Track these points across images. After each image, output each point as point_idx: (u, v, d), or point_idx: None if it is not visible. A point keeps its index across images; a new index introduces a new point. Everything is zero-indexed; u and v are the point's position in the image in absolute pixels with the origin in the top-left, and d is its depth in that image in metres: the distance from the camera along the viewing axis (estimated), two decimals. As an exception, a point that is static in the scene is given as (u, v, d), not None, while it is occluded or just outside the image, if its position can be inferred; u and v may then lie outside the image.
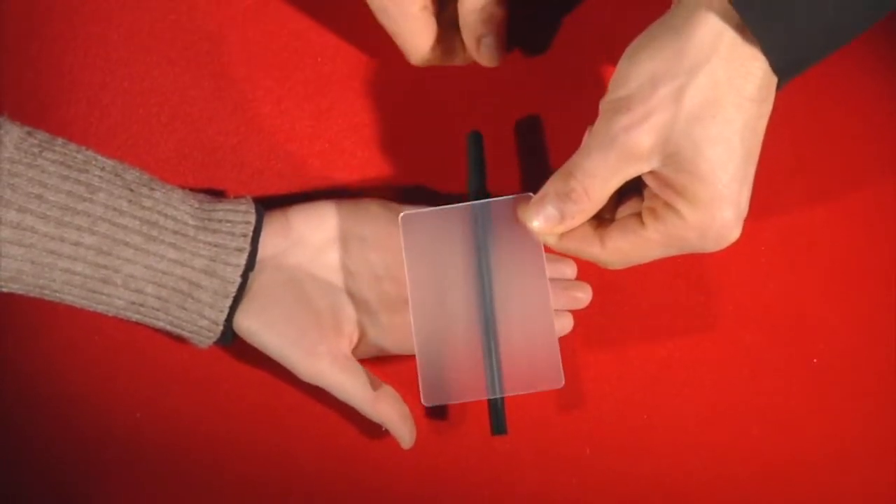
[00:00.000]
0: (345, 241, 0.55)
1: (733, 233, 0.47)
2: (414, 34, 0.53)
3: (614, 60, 0.58)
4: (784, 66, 0.44)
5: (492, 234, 0.54)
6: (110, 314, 0.51)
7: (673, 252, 0.48)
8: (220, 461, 0.58)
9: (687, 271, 0.59)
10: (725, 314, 0.59)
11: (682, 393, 0.58)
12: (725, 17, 0.44)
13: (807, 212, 0.59)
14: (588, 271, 0.58)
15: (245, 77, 0.59)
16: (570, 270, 0.57)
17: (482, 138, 0.55)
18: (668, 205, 0.47)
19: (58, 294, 0.50)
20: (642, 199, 0.50)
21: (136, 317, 0.52)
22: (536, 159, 0.59)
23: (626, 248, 0.49)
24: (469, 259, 0.54)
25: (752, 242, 0.59)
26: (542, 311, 0.53)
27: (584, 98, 0.57)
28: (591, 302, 0.56)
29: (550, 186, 0.49)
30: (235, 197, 0.55)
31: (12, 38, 0.58)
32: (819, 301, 0.59)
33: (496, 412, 0.52)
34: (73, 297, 0.50)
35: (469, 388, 0.53)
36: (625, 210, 0.51)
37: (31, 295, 0.50)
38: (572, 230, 0.50)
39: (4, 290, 0.49)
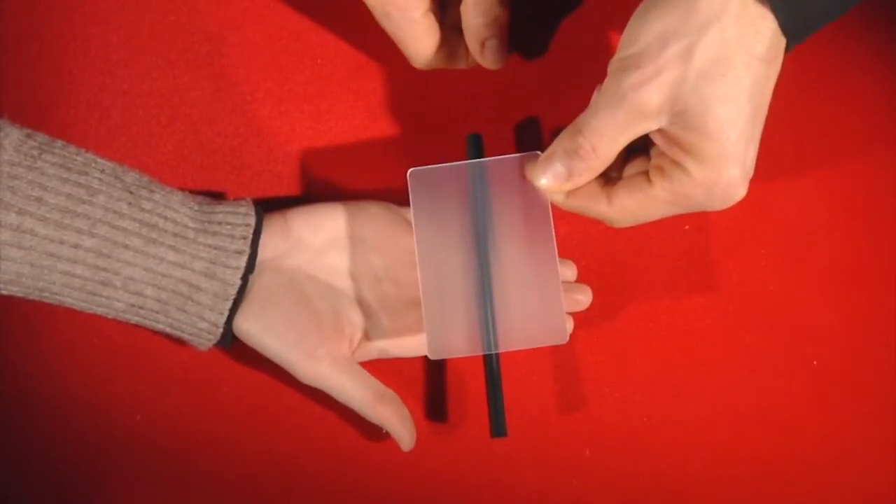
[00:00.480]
0: (344, 243, 0.55)
1: (739, 191, 0.47)
2: (417, 38, 0.53)
3: (611, 47, 0.58)
4: (793, 26, 0.45)
5: (498, 191, 0.53)
6: (110, 316, 0.51)
7: (680, 210, 0.49)
8: (220, 463, 0.58)
9: (687, 272, 0.58)
10: (725, 316, 0.59)
11: (683, 394, 0.58)
12: None
13: (807, 213, 0.59)
14: (588, 273, 0.58)
15: (245, 79, 0.59)
16: (570, 273, 0.57)
17: (482, 140, 0.55)
18: (675, 162, 0.47)
19: (57, 296, 0.50)
20: (649, 158, 0.50)
21: (135, 319, 0.52)
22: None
23: (633, 205, 0.49)
24: (474, 216, 0.53)
25: (752, 243, 0.59)
26: (547, 267, 0.52)
27: (584, 99, 0.57)
28: (592, 304, 0.56)
29: (558, 144, 0.49)
30: (235, 199, 0.55)
31: (12, 40, 0.58)
32: (819, 303, 0.59)
33: (496, 414, 0.52)
34: (72, 299, 0.50)
35: (472, 343, 0.52)
36: (632, 168, 0.51)
37: (31, 297, 0.50)
38: (579, 188, 0.50)
39: (4, 292, 0.49)
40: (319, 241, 0.55)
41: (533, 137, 0.59)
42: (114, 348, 0.58)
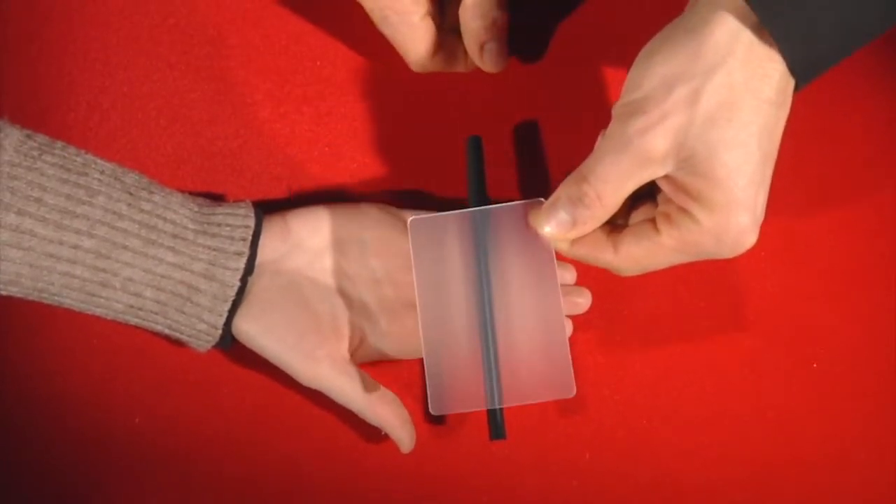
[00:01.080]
0: (344, 245, 0.55)
1: (750, 238, 0.46)
2: (416, 42, 0.53)
3: (614, 64, 0.59)
4: (802, 68, 0.44)
5: (502, 239, 0.53)
6: (109, 317, 0.51)
7: (688, 258, 0.48)
8: (220, 464, 0.58)
9: (687, 276, 0.58)
10: (725, 318, 0.58)
11: (682, 397, 0.58)
12: (742, 18, 0.43)
13: (807, 215, 0.59)
14: (587, 276, 0.58)
15: (244, 81, 0.59)
16: (569, 276, 0.57)
17: (482, 143, 0.55)
18: (682, 210, 0.46)
19: (56, 297, 0.50)
20: (656, 205, 0.49)
21: (134, 320, 0.52)
22: (536, 164, 0.59)
23: (640, 254, 0.48)
24: (477, 264, 0.53)
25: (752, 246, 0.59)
26: (553, 318, 0.52)
27: (583, 102, 0.58)
28: (591, 307, 0.56)
29: (563, 191, 0.48)
30: (235, 201, 0.55)
31: (12, 41, 0.58)
32: (819, 305, 0.58)
33: (495, 417, 0.52)
34: (71, 300, 0.50)
35: (476, 397, 0.52)
36: (638, 216, 0.50)
37: (30, 298, 0.50)
38: (585, 236, 0.50)
39: (3, 293, 0.49)
40: (319, 243, 0.55)
41: (531, 140, 0.59)
42: (113, 349, 0.58)
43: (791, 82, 0.45)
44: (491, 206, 0.53)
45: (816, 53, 0.44)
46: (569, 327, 0.56)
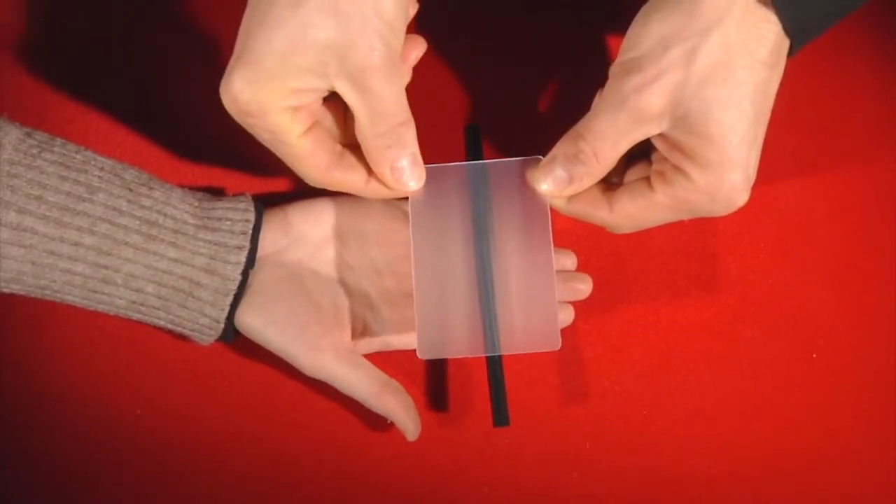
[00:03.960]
0: (345, 236, 0.55)
1: (742, 196, 0.46)
2: (298, 161, 0.48)
3: (612, 55, 0.58)
4: (797, 29, 0.44)
5: (498, 194, 0.52)
6: (111, 313, 0.52)
7: (682, 216, 0.48)
8: (223, 456, 0.58)
9: (687, 266, 0.59)
10: (725, 309, 0.59)
11: (682, 388, 0.58)
12: None
13: (806, 207, 0.59)
14: (588, 264, 0.58)
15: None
16: (570, 262, 0.57)
17: (480, 131, 0.55)
18: (676, 168, 0.46)
19: (58, 294, 0.50)
20: (651, 164, 0.49)
21: (136, 316, 0.52)
22: (535, 151, 0.59)
23: (635, 211, 0.49)
24: (474, 217, 0.53)
25: (751, 238, 0.59)
26: (544, 274, 0.52)
27: (582, 90, 0.57)
28: (592, 296, 0.56)
29: (559, 148, 0.49)
30: (235, 194, 0.55)
31: (12, 39, 0.58)
32: (818, 296, 0.58)
33: (498, 404, 0.52)
34: (73, 297, 0.50)
35: (465, 344, 0.52)
36: (633, 174, 0.50)
37: (32, 295, 0.50)
38: (581, 194, 0.50)
39: (5, 290, 0.49)
40: (319, 235, 0.55)
41: (533, 137, 0.59)
42: (115, 342, 0.58)
43: (786, 44, 0.45)
44: (489, 161, 0.53)
45: (811, 15, 0.44)
46: (570, 315, 0.56)
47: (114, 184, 0.50)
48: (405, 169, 0.49)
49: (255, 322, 0.53)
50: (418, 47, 0.49)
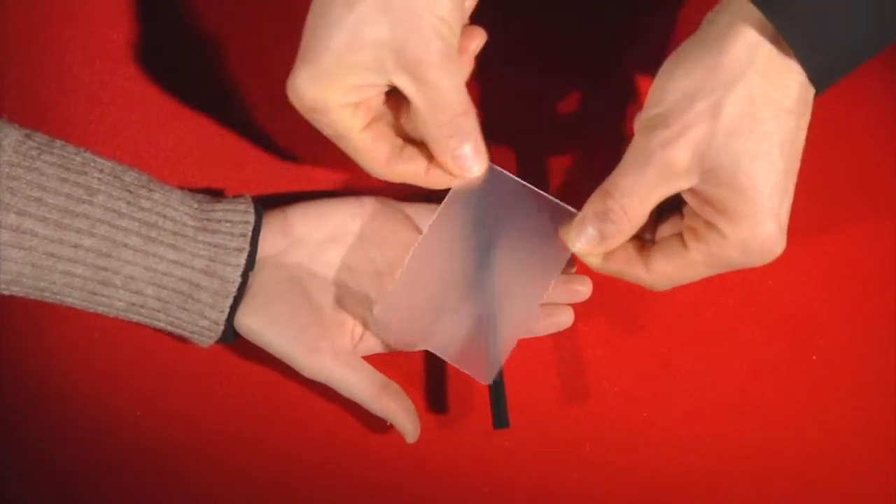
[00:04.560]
0: (344, 238, 0.55)
1: (777, 246, 0.46)
2: (361, 155, 0.50)
3: (616, 59, 0.58)
4: (821, 76, 0.44)
5: (520, 225, 0.53)
6: (111, 315, 0.52)
7: (718, 271, 0.48)
8: (222, 457, 0.58)
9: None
10: (725, 310, 0.59)
11: (682, 389, 0.58)
12: (760, 30, 0.43)
13: (806, 208, 0.58)
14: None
15: (245, 75, 0.59)
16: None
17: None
18: (709, 224, 0.46)
19: (58, 296, 0.50)
20: (682, 217, 0.49)
21: (136, 318, 0.52)
22: (536, 155, 0.59)
23: (670, 270, 0.48)
24: (489, 229, 0.53)
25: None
26: (522, 309, 0.52)
27: (585, 94, 0.57)
28: (591, 297, 0.56)
29: (589, 208, 0.48)
30: (234, 196, 0.55)
31: (12, 38, 0.58)
32: (818, 298, 0.58)
33: (498, 406, 0.52)
34: (73, 299, 0.50)
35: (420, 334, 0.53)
36: (665, 229, 0.50)
37: (32, 297, 0.50)
38: (615, 252, 0.50)
39: (5, 292, 0.49)
40: (319, 236, 0.55)
41: (535, 137, 0.59)
42: (114, 343, 0.58)
43: (811, 91, 0.45)
44: (527, 185, 0.52)
45: (835, 61, 0.44)
46: (569, 317, 0.56)
47: (113, 185, 0.50)
48: (467, 156, 0.50)
49: (255, 324, 0.53)
50: (478, 38, 0.49)
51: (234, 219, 0.53)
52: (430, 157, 0.51)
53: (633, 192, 0.46)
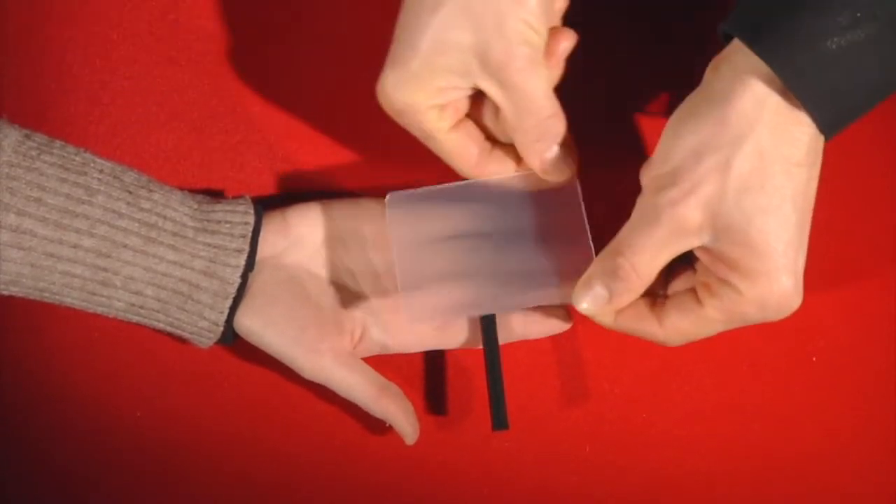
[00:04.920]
0: (344, 239, 0.55)
1: (794, 301, 0.45)
2: (451, 156, 0.51)
3: (613, 65, 0.58)
4: (830, 125, 0.43)
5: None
6: (110, 316, 0.52)
7: (735, 326, 0.47)
8: (222, 458, 0.58)
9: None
10: (725, 312, 0.58)
11: (682, 390, 0.58)
12: (767, 83, 0.43)
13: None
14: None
15: (245, 76, 0.59)
16: None
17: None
18: (723, 280, 0.46)
19: (57, 297, 0.50)
20: (694, 272, 0.49)
21: (135, 318, 0.52)
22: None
23: (686, 327, 0.48)
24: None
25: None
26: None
27: (582, 96, 0.57)
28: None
29: (597, 265, 0.48)
30: (234, 197, 0.55)
31: (12, 38, 0.58)
32: (818, 299, 0.58)
33: (497, 407, 0.52)
34: (72, 299, 0.50)
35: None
36: (677, 285, 0.50)
37: (31, 297, 0.50)
38: (627, 310, 0.49)
39: (4, 293, 0.49)
40: (319, 238, 0.55)
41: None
42: (114, 343, 0.58)
43: (820, 140, 0.44)
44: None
45: (844, 109, 0.43)
46: (567, 321, 0.56)
47: (113, 186, 0.50)
48: (555, 160, 0.50)
49: (255, 325, 0.53)
50: (566, 40, 0.49)
51: (233, 220, 0.53)
52: (518, 157, 0.51)
53: (643, 251, 0.46)
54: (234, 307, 0.53)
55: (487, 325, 0.53)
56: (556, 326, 0.56)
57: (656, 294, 0.50)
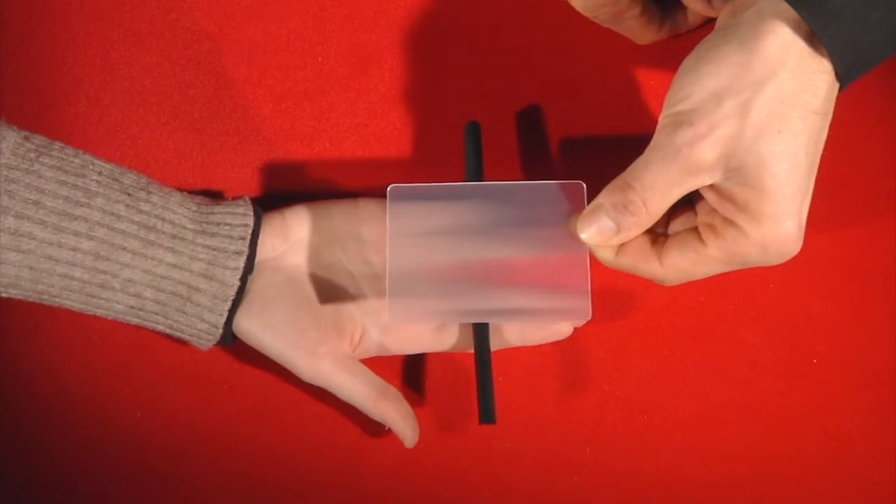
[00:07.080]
0: (343, 242, 0.55)
1: (795, 246, 0.46)
2: (639, 34, 0.54)
3: (614, 52, 0.58)
4: (848, 72, 0.44)
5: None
6: (109, 318, 0.52)
7: (733, 268, 0.48)
8: (221, 461, 0.58)
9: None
10: (726, 314, 0.58)
11: (683, 393, 0.58)
12: (794, 29, 0.43)
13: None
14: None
15: (245, 77, 0.59)
16: None
17: (480, 128, 0.55)
18: (727, 221, 0.46)
19: (56, 299, 0.50)
20: (695, 213, 0.49)
21: (135, 321, 0.52)
22: (535, 152, 0.59)
23: (686, 265, 0.48)
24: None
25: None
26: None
27: (583, 87, 0.58)
28: (592, 303, 0.56)
29: (605, 198, 0.48)
30: (234, 198, 0.55)
31: (12, 38, 0.58)
32: (819, 300, 0.58)
33: (485, 400, 0.51)
34: (71, 301, 0.50)
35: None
36: (678, 224, 0.50)
37: (30, 300, 0.50)
38: (629, 246, 0.50)
39: (3, 295, 0.49)
40: (318, 239, 0.55)
41: (536, 140, 0.59)
42: (114, 346, 0.58)
43: (836, 88, 0.45)
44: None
45: (863, 59, 0.44)
46: (567, 327, 0.56)
47: (112, 188, 0.50)
48: None
49: (254, 327, 0.53)
50: None
51: (232, 222, 0.53)
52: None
53: (655, 187, 0.46)
54: (234, 309, 0.52)
55: (479, 327, 0.53)
56: (555, 333, 0.56)
57: (657, 233, 0.50)
